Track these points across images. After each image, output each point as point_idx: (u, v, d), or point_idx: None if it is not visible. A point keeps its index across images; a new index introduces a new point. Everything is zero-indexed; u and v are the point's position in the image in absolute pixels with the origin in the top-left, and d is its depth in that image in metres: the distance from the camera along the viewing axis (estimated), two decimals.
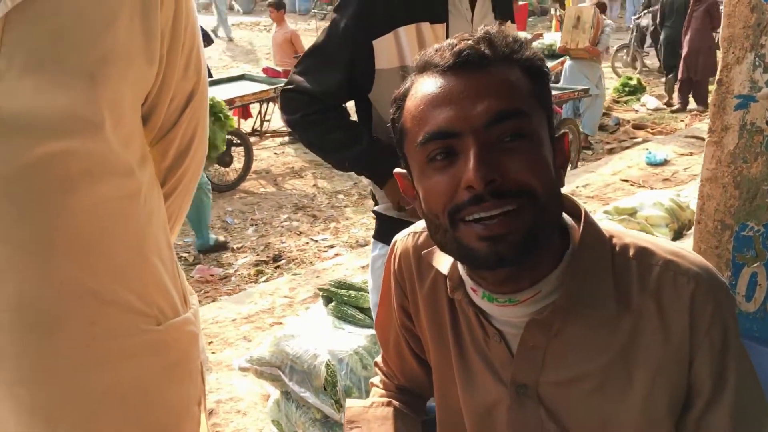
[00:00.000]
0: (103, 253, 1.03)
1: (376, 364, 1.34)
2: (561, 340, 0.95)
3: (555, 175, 0.91)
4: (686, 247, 1.00)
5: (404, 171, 0.99)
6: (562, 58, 8.55)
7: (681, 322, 0.91)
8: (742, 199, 1.36)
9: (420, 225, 1.14)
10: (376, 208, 1.96)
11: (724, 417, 0.91)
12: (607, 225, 1.01)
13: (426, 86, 0.91)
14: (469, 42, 0.89)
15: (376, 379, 1.32)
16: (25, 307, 0.98)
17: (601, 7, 8.29)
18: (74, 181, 0.98)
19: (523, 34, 2.45)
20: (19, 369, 1.00)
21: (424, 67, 0.93)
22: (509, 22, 1.93)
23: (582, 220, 0.97)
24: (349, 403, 1.26)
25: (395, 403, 1.23)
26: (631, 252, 0.96)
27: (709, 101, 1.82)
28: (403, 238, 1.15)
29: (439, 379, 1.13)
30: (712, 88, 2.16)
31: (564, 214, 1.00)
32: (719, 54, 1.39)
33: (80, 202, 0.99)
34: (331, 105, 1.79)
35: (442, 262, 1.03)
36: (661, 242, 0.98)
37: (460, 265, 1.00)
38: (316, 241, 5.51)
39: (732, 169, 1.35)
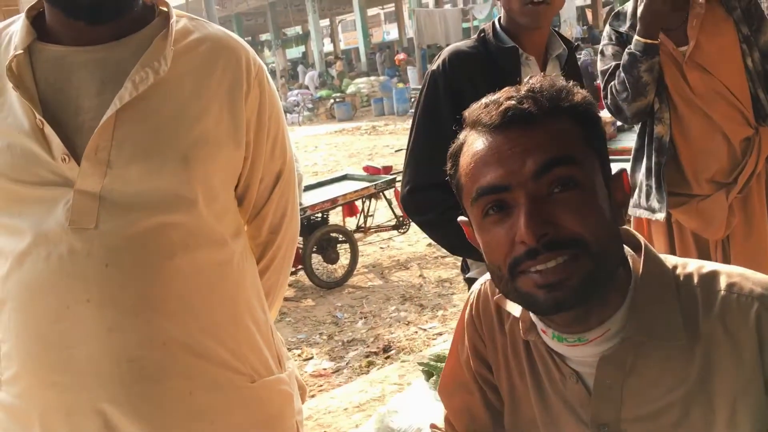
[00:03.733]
0: (199, 314, 1.16)
1: (433, 427, 1.29)
2: (636, 375, 0.95)
3: (611, 217, 0.93)
4: None
5: (467, 219, 1.03)
6: None
7: (750, 345, 0.90)
8: None
9: (488, 276, 1.15)
10: (469, 275, 2.02)
11: None
12: (668, 256, 1.02)
13: (476, 145, 0.94)
14: (513, 102, 0.92)
15: None
16: (132, 362, 1.11)
17: None
18: (174, 249, 1.13)
19: None
20: (128, 416, 1.11)
21: (474, 124, 0.97)
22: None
23: (643, 252, 0.98)
24: None
25: None
26: (696, 280, 0.96)
27: None
28: (480, 285, 1.17)
29: (518, 424, 1.13)
30: None
31: (625, 247, 1.00)
32: None
33: (179, 267, 1.14)
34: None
35: (514, 305, 1.05)
36: (726, 267, 0.98)
37: None
38: (425, 329, 5.53)
39: None
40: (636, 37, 2.27)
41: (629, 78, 2.31)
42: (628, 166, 2.53)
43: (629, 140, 2.65)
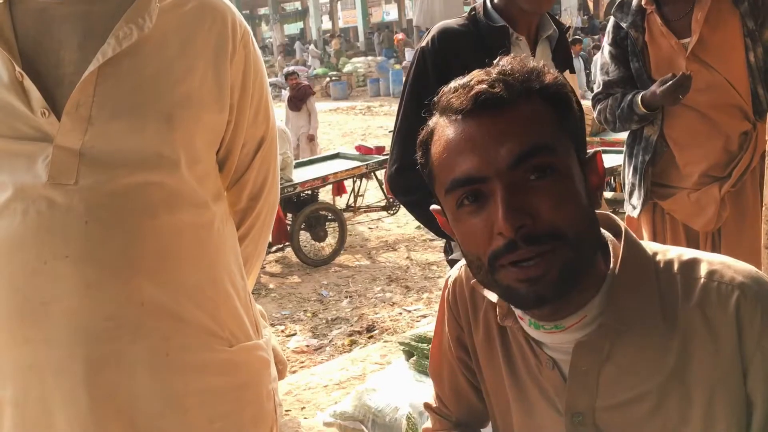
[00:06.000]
0: (178, 275, 1.14)
1: (426, 406, 1.30)
2: (613, 363, 0.94)
3: (588, 202, 0.91)
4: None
5: (440, 208, 1.00)
6: None
7: (729, 335, 0.88)
8: None
9: None
10: (452, 257, 2.00)
11: None
12: (648, 243, 1.00)
13: (447, 132, 0.91)
14: (484, 85, 0.88)
15: (429, 424, 1.29)
16: (109, 320, 1.09)
17: None
18: (155, 209, 1.11)
19: None
20: (102, 374, 1.10)
21: (444, 110, 0.93)
22: (568, 71, 1.99)
23: (623, 238, 0.96)
24: None
25: None
26: (676, 267, 0.94)
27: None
28: (456, 270, 1.16)
29: (494, 409, 1.12)
30: None
31: (605, 232, 0.99)
32: None
33: (160, 227, 1.12)
34: None
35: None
36: (707, 255, 0.96)
37: None
38: (409, 311, 5.54)
39: None
40: (639, 103, 2.31)
41: (620, 122, 2.41)
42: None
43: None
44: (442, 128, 0.92)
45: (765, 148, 2.02)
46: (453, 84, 0.93)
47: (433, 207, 1.02)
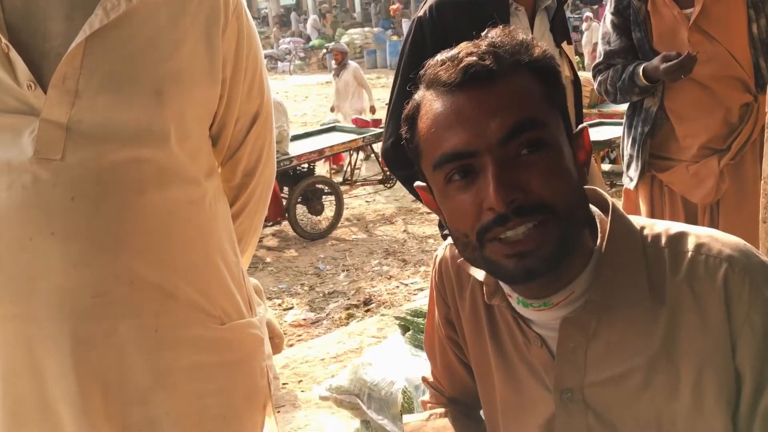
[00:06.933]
0: (168, 252, 1.13)
1: (424, 380, 1.31)
2: (601, 339, 0.93)
3: (577, 175, 0.90)
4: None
5: (425, 185, 0.98)
6: None
7: (717, 308, 0.87)
8: None
9: None
10: (447, 232, 1.99)
11: None
12: (636, 217, 0.98)
13: (435, 106, 0.89)
14: (474, 57, 0.86)
15: (426, 397, 1.30)
16: (97, 297, 1.08)
17: None
18: (144, 185, 1.09)
19: None
20: (91, 351, 1.10)
21: (432, 83, 0.90)
22: (566, 42, 1.96)
23: (610, 212, 0.95)
24: (407, 419, 1.24)
25: (452, 411, 1.21)
26: (663, 241, 0.93)
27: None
28: (442, 250, 1.15)
29: (482, 387, 1.11)
30: None
31: (592, 207, 0.97)
32: None
33: (149, 204, 1.10)
34: None
35: (478, 269, 1.02)
36: (695, 229, 0.94)
37: None
38: (406, 284, 5.55)
39: None
40: (641, 74, 2.29)
41: (621, 94, 2.38)
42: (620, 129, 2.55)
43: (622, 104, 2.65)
44: (430, 102, 0.90)
45: (765, 121, 2.00)
46: (440, 57, 0.91)
47: (417, 184, 1.00)
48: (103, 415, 1.11)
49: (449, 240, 1.13)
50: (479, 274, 1.01)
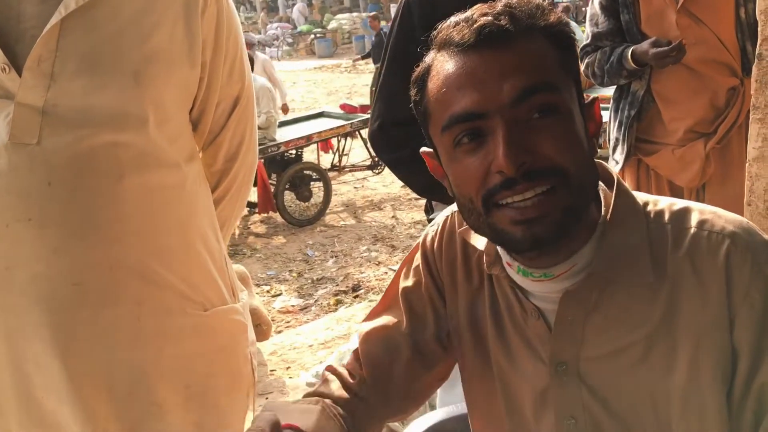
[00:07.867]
0: (149, 238, 1.11)
1: (330, 368, 1.13)
2: (600, 313, 0.92)
3: (588, 146, 0.89)
4: None
5: (431, 150, 0.96)
6: None
7: (717, 284, 0.87)
8: None
9: (454, 207, 1.10)
10: (433, 216, 1.98)
11: None
12: (640, 193, 0.98)
13: (447, 67, 0.87)
14: (489, 17, 0.85)
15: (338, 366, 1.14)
16: (77, 285, 1.06)
17: None
18: (123, 170, 1.07)
19: None
20: (74, 340, 1.08)
21: (444, 44, 0.89)
22: None
23: (615, 187, 0.94)
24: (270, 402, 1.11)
25: (327, 402, 1.05)
26: (666, 216, 0.92)
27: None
28: (446, 217, 1.12)
29: (469, 361, 1.09)
30: None
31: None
32: None
33: (128, 189, 1.08)
34: None
35: (479, 238, 1.00)
36: (699, 205, 0.94)
37: None
38: (395, 270, 5.54)
39: None
40: (629, 57, 2.29)
41: (609, 77, 2.38)
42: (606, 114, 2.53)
43: (608, 89, 2.64)
44: (441, 63, 0.88)
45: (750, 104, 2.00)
46: (453, 19, 0.90)
47: (423, 150, 0.99)
48: (95, 402, 1.10)
49: (444, 213, 1.11)
50: (480, 242, 1.00)
